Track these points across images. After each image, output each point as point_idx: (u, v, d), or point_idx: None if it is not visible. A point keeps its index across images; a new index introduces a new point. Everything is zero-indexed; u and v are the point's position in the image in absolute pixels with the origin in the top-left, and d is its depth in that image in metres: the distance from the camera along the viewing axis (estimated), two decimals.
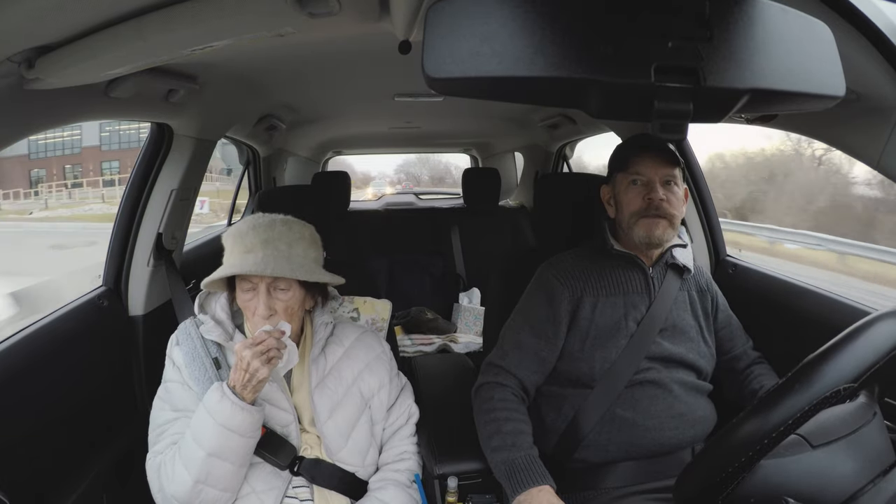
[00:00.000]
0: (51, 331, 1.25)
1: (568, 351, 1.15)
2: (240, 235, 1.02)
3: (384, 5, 0.82)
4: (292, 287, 1.02)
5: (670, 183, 1.13)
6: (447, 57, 0.44)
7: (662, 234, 1.12)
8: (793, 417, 0.66)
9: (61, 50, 0.84)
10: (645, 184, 1.13)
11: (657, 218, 1.12)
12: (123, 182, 2.53)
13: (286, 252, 1.01)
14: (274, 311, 1.01)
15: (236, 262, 1.00)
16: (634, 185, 1.14)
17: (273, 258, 0.98)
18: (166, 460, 0.99)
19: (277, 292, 1.02)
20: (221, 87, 1.46)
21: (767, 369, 1.23)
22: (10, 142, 0.96)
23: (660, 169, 1.13)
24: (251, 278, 1.01)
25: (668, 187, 1.13)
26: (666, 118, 0.47)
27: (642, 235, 1.13)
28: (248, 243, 1.00)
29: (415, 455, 1.17)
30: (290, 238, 1.03)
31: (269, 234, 1.01)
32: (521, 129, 2.87)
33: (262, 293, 1.00)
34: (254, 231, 1.02)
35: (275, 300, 1.01)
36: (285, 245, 1.01)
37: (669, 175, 1.13)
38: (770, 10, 0.49)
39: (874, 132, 0.85)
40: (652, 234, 1.12)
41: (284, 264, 0.99)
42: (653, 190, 1.12)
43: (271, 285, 1.01)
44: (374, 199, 4.83)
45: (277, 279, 1.00)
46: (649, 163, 1.14)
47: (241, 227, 1.04)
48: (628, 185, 1.15)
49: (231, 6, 0.78)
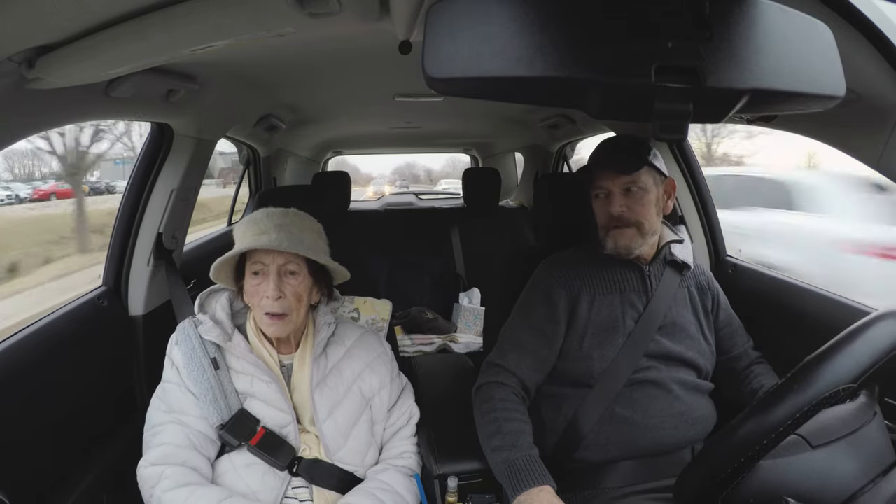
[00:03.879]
0: (51, 331, 1.25)
1: (567, 350, 1.15)
2: (253, 221, 1.06)
3: (384, 5, 0.82)
4: (302, 272, 1.06)
5: (630, 190, 1.14)
6: (447, 57, 0.44)
7: (630, 243, 1.14)
8: (793, 417, 0.66)
9: (61, 50, 0.84)
10: (606, 195, 1.16)
11: (621, 228, 1.14)
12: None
13: (298, 236, 1.05)
14: (283, 295, 1.04)
15: (250, 242, 1.03)
16: (598, 199, 1.18)
17: (287, 238, 1.03)
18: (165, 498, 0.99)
19: (288, 276, 1.05)
20: (221, 87, 1.46)
21: (767, 369, 1.23)
22: (10, 142, 0.96)
23: (616, 179, 1.15)
24: (263, 260, 1.04)
25: (628, 195, 1.14)
26: (666, 118, 0.47)
27: (611, 247, 1.15)
28: (262, 227, 1.05)
29: (415, 455, 1.17)
30: (301, 226, 1.08)
31: (283, 220, 1.06)
32: (521, 129, 2.87)
33: (272, 274, 1.03)
34: (268, 217, 1.07)
35: (285, 284, 1.04)
36: (297, 230, 1.06)
37: (628, 182, 1.14)
38: (770, 10, 0.49)
39: (874, 132, 0.85)
40: (618, 244, 1.14)
41: (297, 244, 1.03)
42: (611, 203, 1.15)
43: (282, 268, 1.04)
44: (375, 198, 4.84)
45: (288, 263, 1.04)
46: (606, 174, 1.16)
47: (254, 215, 1.08)
48: (594, 198, 1.18)
49: (231, 6, 0.78)
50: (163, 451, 1.01)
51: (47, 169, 10.28)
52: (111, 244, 1.51)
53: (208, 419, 1.04)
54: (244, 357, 1.08)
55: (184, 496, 0.97)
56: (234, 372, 1.08)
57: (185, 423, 1.04)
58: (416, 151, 5.38)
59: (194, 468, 1.01)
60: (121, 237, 1.50)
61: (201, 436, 1.04)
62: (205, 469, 1.03)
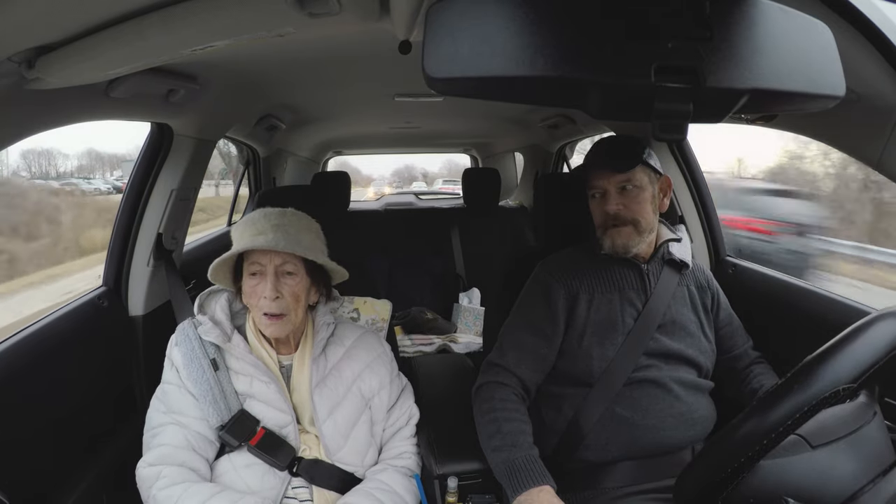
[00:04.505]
0: (51, 331, 1.25)
1: (566, 348, 1.16)
2: (251, 222, 1.06)
3: (384, 5, 0.82)
4: (299, 273, 1.06)
5: (626, 188, 1.15)
6: (447, 57, 0.44)
7: (627, 242, 1.15)
8: (793, 417, 0.66)
9: (61, 50, 0.84)
10: (602, 195, 1.17)
11: (618, 227, 1.14)
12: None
13: (295, 236, 1.05)
14: (280, 295, 1.04)
15: (247, 242, 1.03)
16: (594, 199, 1.18)
17: (284, 238, 1.03)
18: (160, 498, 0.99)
19: (285, 276, 1.05)
20: (221, 87, 1.46)
21: (767, 369, 1.23)
22: (10, 142, 0.96)
23: (612, 178, 1.15)
24: (260, 260, 1.04)
25: (624, 193, 1.15)
26: (666, 118, 0.47)
27: (608, 246, 1.16)
28: (259, 227, 1.05)
29: (414, 455, 1.17)
30: (299, 226, 1.08)
31: (280, 220, 1.06)
32: (521, 129, 2.87)
33: (269, 274, 1.03)
34: (265, 217, 1.06)
35: (282, 284, 1.04)
36: (295, 230, 1.06)
37: (623, 181, 1.15)
38: (770, 10, 0.49)
39: (874, 132, 0.85)
40: (615, 243, 1.15)
41: (295, 245, 1.03)
42: (607, 202, 1.15)
43: (279, 268, 1.04)
44: (376, 198, 4.85)
45: (285, 263, 1.04)
46: (602, 173, 1.16)
47: (251, 215, 1.08)
48: (591, 198, 1.19)
49: (231, 6, 0.78)
50: (161, 451, 1.02)
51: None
52: (111, 244, 1.51)
53: (208, 420, 1.04)
54: (243, 358, 1.08)
55: (178, 493, 0.97)
56: (234, 373, 1.08)
57: (185, 425, 1.04)
58: (415, 151, 5.37)
59: (192, 468, 1.02)
60: (121, 237, 1.50)
61: (200, 437, 1.04)
62: (203, 470, 1.03)
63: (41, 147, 6.57)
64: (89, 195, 9.31)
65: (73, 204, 7.96)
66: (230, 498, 0.98)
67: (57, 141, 5.61)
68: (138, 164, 1.52)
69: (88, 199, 8.98)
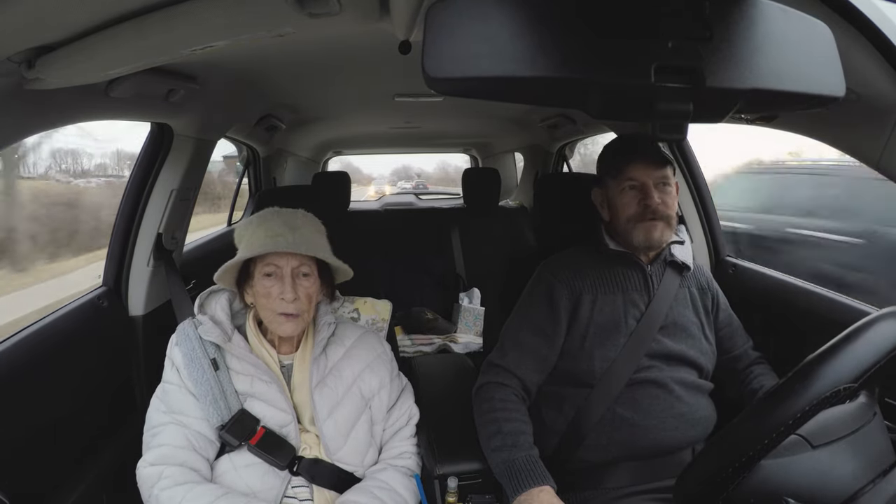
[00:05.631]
0: (51, 331, 1.25)
1: (568, 349, 1.15)
2: (264, 221, 1.06)
3: (384, 5, 0.82)
4: (313, 274, 1.07)
5: (664, 183, 1.14)
6: (447, 57, 0.44)
7: (661, 236, 1.13)
8: (793, 417, 0.66)
9: (61, 50, 0.84)
10: (639, 188, 1.14)
11: (654, 221, 1.12)
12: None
13: (311, 238, 1.06)
14: (297, 297, 1.04)
15: (267, 244, 1.03)
16: (628, 191, 1.15)
17: (302, 241, 1.04)
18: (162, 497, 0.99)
19: (301, 278, 1.06)
20: (221, 87, 1.46)
21: (767, 369, 1.23)
22: (10, 142, 0.97)
23: (653, 172, 1.14)
24: (277, 262, 1.04)
25: (661, 189, 1.14)
26: (666, 118, 0.47)
27: (641, 239, 1.14)
28: (275, 228, 1.05)
29: (414, 455, 1.17)
30: (311, 227, 1.09)
31: (295, 221, 1.07)
32: (521, 129, 2.87)
33: (287, 276, 1.04)
34: (279, 216, 1.07)
35: (298, 286, 1.05)
36: (309, 232, 1.07)
37: (661, 177, 1.14)
38: (770, 11, 0.49)
39: (874, 132, 0.85)
40: (651, 237, 1.13)
41: (313, 248, 1.04)
42: (648, 196, 1.13)
43: (296, 270, 1.05)
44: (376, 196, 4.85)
45: (302, 265, 1.05)
46: (642, 167, 1.14)
47: (263, 214, 1.08)
48: (622, 190, 1.15)
49: (231, 6, 0.78)
50: (162, 451, 1.02)
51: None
52: (111, 244, 1.51)
53: (208, 420, 1.04)
54: (244, 357, 1.08)
55: (181, 493, 0.97)
56: (234, 372, 1.08)
57: (185, 424, 1.04)
58: (415, 151, 5.37)
59: (193, 468, 1.01)
60: (121, 237, 1.50)
61: (200, 437, 1.04)
62: (204, 470, 1.03)
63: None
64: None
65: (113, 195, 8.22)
66: (234, 502, 0.98)
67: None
68: (138, 164, 1.52)
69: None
